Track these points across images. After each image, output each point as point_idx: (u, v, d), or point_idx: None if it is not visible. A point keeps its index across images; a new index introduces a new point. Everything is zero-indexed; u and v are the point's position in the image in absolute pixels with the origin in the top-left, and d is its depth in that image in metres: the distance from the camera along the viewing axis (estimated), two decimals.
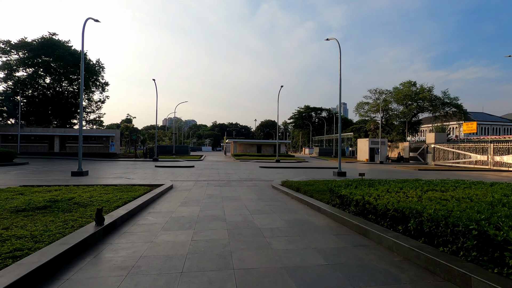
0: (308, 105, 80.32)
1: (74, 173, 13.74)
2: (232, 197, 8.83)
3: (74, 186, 9.97)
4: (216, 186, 11.72)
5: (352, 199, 5.55)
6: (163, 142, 69.64)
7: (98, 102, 44.26)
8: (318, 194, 7.99)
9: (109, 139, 36.06)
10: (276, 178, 15.17)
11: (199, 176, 15.53)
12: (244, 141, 48.99)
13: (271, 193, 9.80)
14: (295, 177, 15.52)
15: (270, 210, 6.75)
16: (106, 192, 8.51)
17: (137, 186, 10.10)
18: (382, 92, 51.72)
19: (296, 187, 9.52)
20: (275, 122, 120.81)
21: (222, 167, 22.93)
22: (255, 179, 14.70)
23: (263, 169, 21.92)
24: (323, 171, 20.35)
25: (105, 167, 20.63)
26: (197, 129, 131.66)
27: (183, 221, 5.62)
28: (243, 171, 19.56)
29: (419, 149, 37.56)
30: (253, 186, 11.76)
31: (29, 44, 34.36)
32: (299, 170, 21.58)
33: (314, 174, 17.50)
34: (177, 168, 20.70)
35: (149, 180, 12.47)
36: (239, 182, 13.06)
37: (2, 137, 34.32)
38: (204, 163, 27.92)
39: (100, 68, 42.14)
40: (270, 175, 16.65)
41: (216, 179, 14.31)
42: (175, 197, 8.62)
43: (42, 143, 35.05)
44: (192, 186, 11.53)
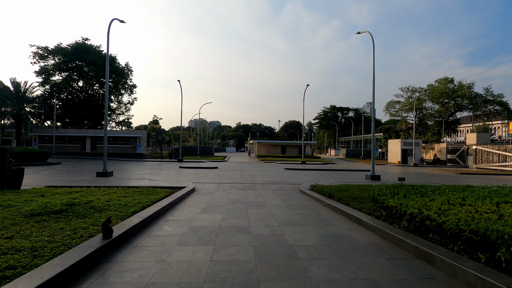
0: (334, 105, 77.85)
1: (99, 174, 13.72)
2: (257, 202, 8.05)
3: (96, 187, 9.73)
4: (240, 189, 11.02)
5: (405, 212, 4.54)
6: (188, 143, 70.78)
7: (127, 104, 45.64)
8: (356, 202, 6.98)
9: (136, 139, 36.89)
10: (303, 181, 14.20)
11: (222, 178, 14.96)
12: (268, 142, 48.19)
13: (299, 199, 8.91)
14: (324, 180, 14.45)
15: (301, 221, 5.88)
16: (125, 195, 8.09)
17: (159, 189, 9.66)
18: (415, 90, 48.59)
19: (328, 192, 8.55)
20: (299, 122, 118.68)
21: (246, 168, 22.29)
22: (280, 182, 13.85)
23: (289, 171, 20.97)
24: (353, 174, 19.00)
25: (131, 168, 20.78)
26: (221, 130, 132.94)
27: (203, 232, 4.92)
28: (268, 173, 18.76)
29: (458, 150, 34.55)
30: (279, 190, 10.92)
31: (64, 49, 36.10)
32: (327, 172, 20.37)
33: (344, 178, 16.28)
34: (200, 169, 20.36)
35: (172, 182, 12.06)
36: (264, 185, 12.27)
37: (39, 138, 36.31)
38: (228, 164, 27.48)
39: (129, 71, 43.42)
40: (297, 178, 15.70)
41: (240, 181, 13.64)
42: (196, 202, 8.01)
43: (75, 143, 36.63)
44: (214, 189, 10.92)
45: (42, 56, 36.40)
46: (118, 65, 41.26)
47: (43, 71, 36.69)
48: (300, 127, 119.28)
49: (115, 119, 45.55)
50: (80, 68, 37.51)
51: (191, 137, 73.91)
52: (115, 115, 45.20)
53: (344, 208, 6.57)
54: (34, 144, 36.18)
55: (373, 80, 14.99)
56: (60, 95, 39.16)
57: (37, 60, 36.27)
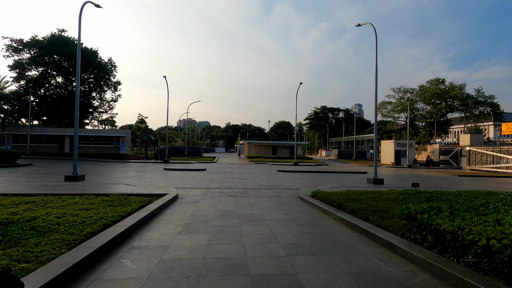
0: (324, 106, 77.20)
1: (68, 178, 11.91)
2: (253, 215, 6.59)
3: (56, 195, 8.03)
4: (230, 196, 9.53)
5: (472, 242, 3.17)
6: (175, 143, 68.40)
7: (110, 102, 43.24)
8: (376, 216, 5.61)
9: (120, 139, 34.75)
10: (300, 185, 12.82)
11: (210, 182, 13.41)
12: (259, 143, 46.77)
13: (302, 209, 7.50)
14: (322, 184, 13.13)
15: (314, 246, 4.45)
16: (88, 207, 6.47)
17: (133, 197, 8.06)
18: (406, 90, 48.28)
19: (336, 202, 7.16)
20: (289, 123, 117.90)
21: (237, 170, 20.78)
22: (275, 186, 12.43)
23: (282, 173, 19.60)
24: (351, 177, 17.79)
25: (110, 170, 18.91)
26: (211, 130, 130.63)
27: (179, 272, 3.42)
28: (260, 175, 17.32)
29: (451, 152, 34.12)
30: (275, 197, 9.49)
31: (40, 42, 33.55)
32: (322, 175, 19.11)
33: (344, 181, 15.01)
34: (187, 172, 18.71)
35: (152, 188, 10.43)
36: (258, 191, 10.82)
37: (13, 137, 33.63)
38: (217, 165, 25.88)
39: (112, 66, 41.08)
40: (292, 181, 14.32)
41: (230, 186, 12.13)
42: (177, 215, 6.47)
43: (53, 143, 34.13)
44: (201, 196, 9.39)
45: (16, 49, 33.73)
46: (100, 60, 38.90)
47: (18, 65, 34.02)
48: (290, 127, 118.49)
49: (97, 117, 43.14)
50: (58, 62, 35.00)
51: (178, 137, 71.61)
52: (98, 113, 42.79)
53: (364, 226, 5.18)
54: (7, 144, 33.49)
55: (376, 74, 13.79)
56: (37, 92, 36.49)
57: (10, 53, 33.59)
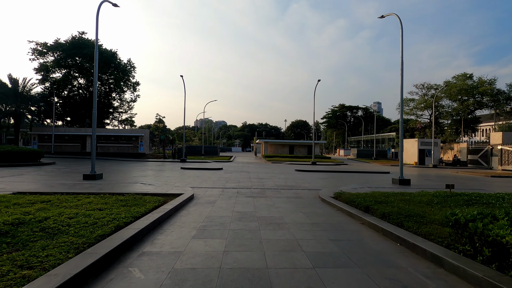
0: (343, 104, 75.34)
1: (86, 176, 11.96)
2: (272, 218, 6.14)
3: (72, 194, 7.94)
4: (247, 197, 9.12)
5: None
6: (192, 142, 69.07)
7: (129, 102, 44.10)
8: (412, 222, 4.99)
9: (138, 139, 35.31)
10: (319, 185, 12.22)
11: (227, 181, 13.08)
12: (276, 142, 46.18)
13: (325, 212, 6.96)
14: (343, 185, 12.46)
15: (344, 256, 3.93)
16: (102, 207, 6.27)
17: (148, 197, 7.83)
18: (430, 86, 46.10)
19: (363, 205, 6.57)
20: (306, 122, 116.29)
21: (253, 170, 20.39)
22: (294, 186, 11.90)
23: (300, 173, 19.00)
24: (374, 177, 16.93)
25: (129, 168, 19.06)
26: (227, 130, 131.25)
27: (192, 285, 3.00)
28: (278, 175, 16.83)
29: (481, 151, 32.08)
30: (295, 198, 8.99)
31: (62, 45, 34.65)
32: (342, 175, 18.34)
33: (366, 182, 14.24)
34: (203, 171, 18.53)
35: (168, 187, 10.22)
36: (276, 191, 10.35)
37: (39, 137, 34.98)
38: (234, 164, 25.62)
39: (131, 67, 41.85)
40: (311, 182, 13.73)
41: (247, 186, 11.73)
42: (192, 217, 6.14)
43: (75, 142, 35.20)
44: (217, 196, 9.05)
45: (41, 52, 35.04)
46: (119, 61, 39.73)
47: (43, 68, 35.34)
48: (307, 126, 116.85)
49: (117, 117, 44.14)
50: (79, 64, 36.01)
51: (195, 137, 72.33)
52: (118, 113, 43.76)
53: (400, 233, 4.59)
54: (34, 143, 34.89)
55: (401, 68, 12.92)
56: (61, 93, 37.79)
57: (36, 56, 34.94)
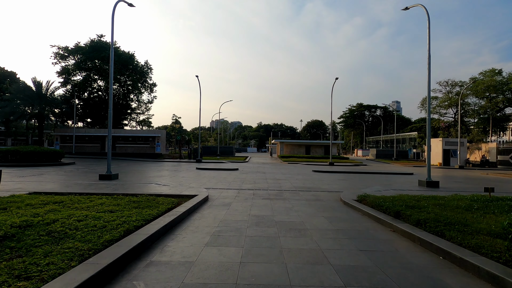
0: (361, 103, 73.37)
1: (101, 177, 11.93)
2: (292, 224, 5.65)
3: (86, 195, 7.79)
4: (264, 198, 8.68)
5: None
6: (208, 143, 69.46)
7: (147, 103, 44.81)
8: (455, 231, 4.35)
9: (155, 139, 35.68)
10: (340, 187, 11.58)
11: (243, 182, 12.69)
12: (292, 142, 45.47)
13: (349, 217, 6.40)
14: (365, 187, 11.75)
15: (380, 272, 3.39)
16: (113, 209, 6.01)
17: (162, 198, 7.56)
18: (455, 84, 43.86)
19: (392, 210, 5.96)
20: (322, 122, 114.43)
21: (269, 170, 19.92)
22: (313, 188, 11.34)
23: (318, 174, 18.34)
24: (397, 179, 16.02)
25: (145, 169, 19.11)
26: (242, 130, 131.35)
27: None
28: (295, 176, 16.27)
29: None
30: (315, 201, 8.45)
31: (82, 48, 35.64)
32: (363, 176, 17.52)
33: (389, 183, 13.42)
34: (219, 171, 18.27)
35: (182, 188, 9.95)
36: (294, 193, 9.84)
37: (61, 138, 36.12)
38: (249, 165, 25.25)
39: (148, 69, 42.51)
40: (331, 183, 13.09)
41: (263, 187, 11.29)
42: (206, 221, 5.76)
43: (95, 143, 36.07)
44: (233, 198, 8.66)
45: (63, 56, 36.20)
46: (137, 63, 40.42)
47: (64, 71, 36.50)
48: (323, 126, 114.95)
49: (135, 118, 44.96)
50: (99, 66, 36.89)
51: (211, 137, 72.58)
52: (135, 114, 44.56)
53: (442, 245, 3.98)
54: (56, 144, 36.05)
55: (429, 59, 12.05)
56: (81, 95, 38.89)
57: (58, 60, 36.13)
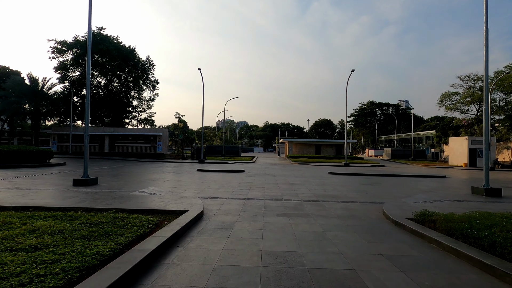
0: (372, 100, 70.30)
1: (76, 182, 9.69)
2: (337, 275, 3.27)
3: (29, 212, 5.55)
4: (280, 215, 6.31)
5: None
6: (213, 142, 67.28)
7: (149, 101, 42.80)
8: None
9: (156, 138, 33.62)
10: (371, 195, 9.09)
11: (250, 188, 10.34)
12: (301, 141, 42.94)
13: (423, 255, 3.98)
14: (403, 194, 9.26)
15: None
16: (43, 241, 3.73)
17: (136, 216, 5.27)
18: (477, 78, 40.75)
19: (506, 247, 3.52)
20: (330, 121, 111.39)
21: (280, 172, 17.53)
22: (339, 197, 8.92)
23: (336, 176, 15.87)
24: (431, 183, 13.43)
25: (139, 171, 16.94)
26: (249, 130, 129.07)
27: None
28: (310, 179, 13.85)
29: None
30: (351, 218, 6.04)
31: (81, 42, 33.75)
32: (389, 179, 14.98)
33: (430, 189, 10.86)
34: (223, 174, 15.96)
35: (172, 197, 7.64)
36: (318, 205, 7.44)
37: (58, 137, 34.39)
38: (257, 166, 22.91)
39: (150, 65, 40.50)
40: (356, 189, 10.63)
41: (276, 195, 8.92)
42: (188, 271, 3.42)
43: (93, 142, 34.18)
44: (236, 214, 6.31)
45: (60, 50, 34.34)
46: (138, 58, 38.44)
47: (62, 67, 34.66)
48: (331, 125, 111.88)
49: (136, 116, 42.97)
50: (96, 61, 34.93)
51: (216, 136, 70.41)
52: (137, 113, 42.60)
53: None
54: (53, 144, 34.32)
55: (486, 42, 9.48)
56: (80, 92, 37.08)
57: (55, 55, 34.30)
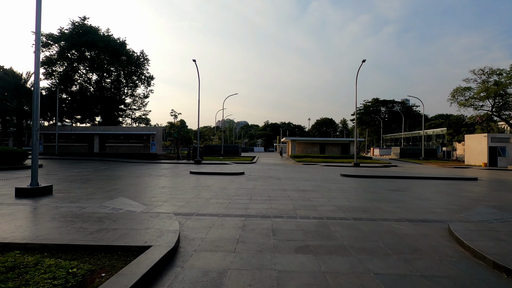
0: (377, 98, 67.84)
1: (19, 192, 7.27)
2: None
3: None
4: (299, 250, 3.86)
5: None
6: (212, 141, 64.85)
7: (143, 98, 40.38)
8: None
9: (150, 137, 31.22)
10: (414, 206, 6.63)
11: (251, 198, 7.91)
12: (305, 140, 40.49)
13: None
14: (454, 205, 6.79)
15: None
16: None
17: (51, 265, 2.86)
18: (492, 72, 38.20)
19: None
20: (332, 120, 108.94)
21: (285, 174, 15.10)
22: (372, 211, 6.47)
23: (351, 180, 13.44)
24: (470, 187, 10.97)
25: (122, 174, 14.52)
26: (249, 129, 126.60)
27: None
28: (324, 184, 11.43)
29: None
30: (414, 257, 3.58)
31: (66, 34, 31.34)
32: (417, 183, 12.54)
33: (481, 197, 8.41)
34: (219, 177, 13.54)
35: (141, 216, 5.21)
36: (351, 228, 4.99)
37: (44, 137, 31.99)
38: (258, 167, 20.49)
39: (145, 60, 38.10)
40: (389, 199, 8.15)
41: (287, 210, 6.48)
42: None
43: (82, 142, 31.80)
44: (230, 251, 3.87)
45: (46, 44, 31.96)
46: (132, 53, 36.05)
47: (48, 61, 32.27)
48: (333, 124, 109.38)
49: (130, 115, 40.58)
50: (81, 54, 32.49)
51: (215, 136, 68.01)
52: (131, 111, 40.19)
53: None
54: (39, 143, 31.92)
55: None
56: (68, 88, 34.65)
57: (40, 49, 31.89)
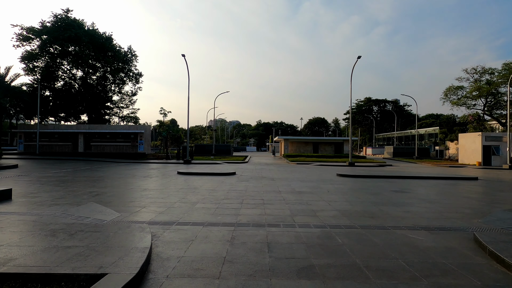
0: (369, 97, 67.81)
1: None
2: None
3: None
4: (303, 274, 2.97)
5: None
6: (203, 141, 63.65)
7: (131, 96, 38.98)
8: None
9: (137, 136, 29.96)
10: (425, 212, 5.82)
11: (242, 201, 7.02)
12: (298, 139, 39.82)
13: None
14: (467, 209, 6.07)
15: None
16: None
17: None
18: (484, 71, 38.35)
19: None
20: (324, 119, 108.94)
21: (279, 175, 14.27)
22: (379, 217, 5.68)
23: (348, 180, 12.69)
24: (472, 187, 10.34)
25: (104, 174, 13.40)
26: (241, 129, 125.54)
27: None
28: (321, 185, 10.63)
29: None
30: (446, 281, 2.78)
31: (48, 28, 29.79)
32: (418, 183, 11.87)
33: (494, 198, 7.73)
34: (208, 178, 12.61)
35: (111, 228, 4.27)
36: (360, 239, 4.15)
37: (25, 135, 30.35)
38: (250, 167, 19.61)
39: (133, 56, 36.74)
40: (394, 202, 7.38)
41: (283, 216, 5.61)
42: None
43: (66, 141, 30.28)
44: (213, 276, 2.94)
45: (26, 38, 30.29)
46: (119, 48, 34.64)
47: (29, 56, 30.64)
48: (325, 124, 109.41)
49: (118, 113, 39.13)
50: (64, 49, 30.94)
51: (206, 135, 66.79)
52: (118, 109, 38.74)
53: None
54: (20, 143, 30.30)
55: None
56: (51, 85, 33.05)
57: (20, 43, 30.24)
